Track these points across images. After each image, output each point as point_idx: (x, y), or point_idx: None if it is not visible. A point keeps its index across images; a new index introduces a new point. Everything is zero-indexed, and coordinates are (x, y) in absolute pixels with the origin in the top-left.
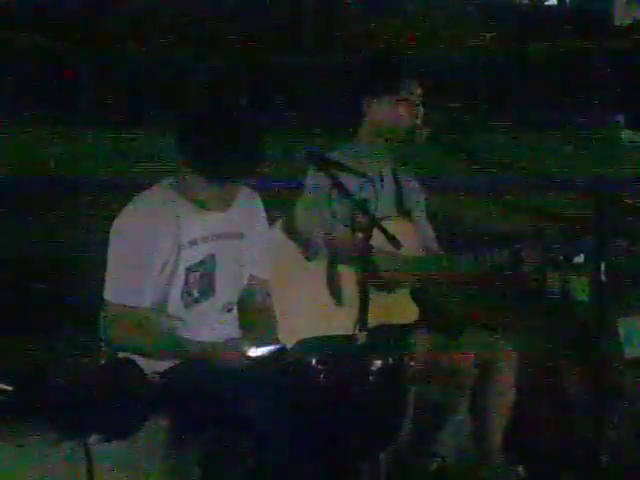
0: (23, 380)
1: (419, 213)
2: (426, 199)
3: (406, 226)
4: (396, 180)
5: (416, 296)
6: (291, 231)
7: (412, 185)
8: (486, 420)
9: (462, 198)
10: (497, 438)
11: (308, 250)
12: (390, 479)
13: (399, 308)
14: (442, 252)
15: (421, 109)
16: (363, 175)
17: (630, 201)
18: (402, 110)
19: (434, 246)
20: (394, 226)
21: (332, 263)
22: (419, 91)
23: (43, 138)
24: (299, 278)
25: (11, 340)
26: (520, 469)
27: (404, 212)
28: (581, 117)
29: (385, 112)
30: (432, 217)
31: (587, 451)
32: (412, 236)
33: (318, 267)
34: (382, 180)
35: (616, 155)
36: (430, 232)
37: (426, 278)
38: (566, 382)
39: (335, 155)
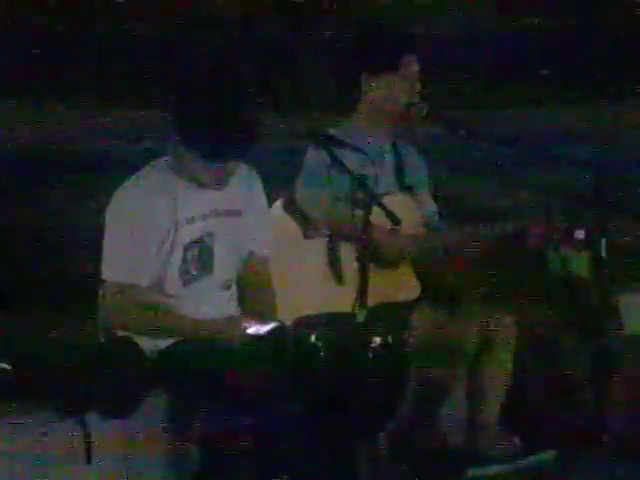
0: (22, 358)
1: (421, 189)
2: (429, 175)
3: (407, 202)
4: (397, 156)
5: (419, 272)
6: (291, 209)
7: (414, 160)
8: (485, 394)
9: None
10: (495, 411)
11: (308, 228)
12: (391, 456)
13: (401, 285)
14: (444, 228)
15: (419, 85)
16: (362, 151)
17: None
18: (400, 87)
19: (436, 222)
20: (395, 202)
21: (332, 241)
22: (417, 67)
23: None
24: (299, 256)
25: (11, 318)
26: (517, 440)
27: (405, 188)
28: None
29: (383, 89)
30: (435, 193)
31: (585, 424)
32: (413, 212)
33: (318, 245)
34: (383, 156)
35: None
36: (432, 208)
37: (428, 254)
38: (565, 356)
39: (334, 132)
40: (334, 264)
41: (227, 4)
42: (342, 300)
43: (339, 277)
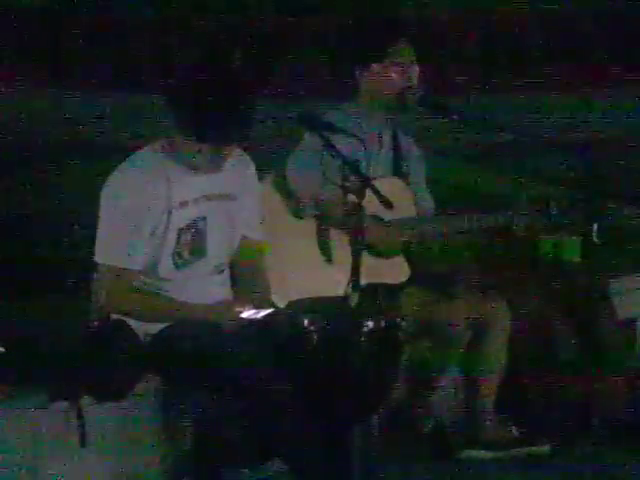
0: (16, 342)
1: (417, 176)
2: (425, 163)
3: (401, 187)
4: (395, 142)
5: (408, 256)
6: (281, 189)
7: (411, 148)
8: (479, 380)
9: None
10: (490, 398)
11: (298, 208)
12: (385, 440)
13: (391, 268)
14: (437, 215)
15: (415, 71)
16: (355, 137)
17: None
18: (395, 74)
19: (430, 210)
20: (388, 186)
21: (323, 221)
22: (412, 54)
23: None
24: (289, 236)
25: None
26: (513, 429)
27: (401, 174)
28: None
29: (378, 77)
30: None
31: (579, 411)
32: (406, 197)
33: (308, 225)
34: (380, 142)
35: None
36: (427, 196)
37: (420, 239)
38: (558, 342)
39: (330, 117)
40: (324, 245)
41: None
42: (333, 281)
43: (329, 258)
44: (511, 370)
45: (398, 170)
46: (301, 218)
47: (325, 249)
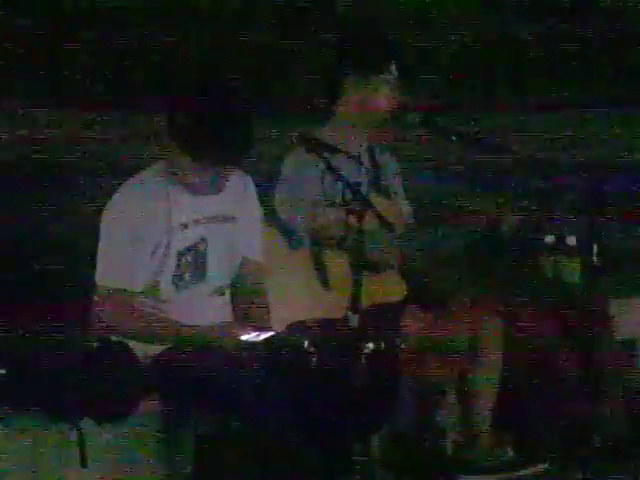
0: (15, 363)
1: (396, 190)
2: (402, 176)
3: (385, 204)
4: (372, 158)
5: (404, 273)
6: (271, 219)
7: (388, 163)
8: (474, 399)
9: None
10: (486, 416)
11: (290, 239)
12: (383, 460)
13: (387, 285)
14: (419, 229)
15: (400, 93)
16: (354, 157)
17: None
18: (380, 93)
19: (412, 223)
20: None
21: (318, 247)
22: (396, 75)
23: None
24: (285, 264)
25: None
26: (509, 450)
27: (382, 190)
28: None
29: (363, 94)
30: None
31: (578, 431)
32: (391, 214)
33: (303, 253)
34: (360, 159)
35: None
36: (407, 209)
37: (409, 254)
38: (556, 362)
39: (323, 137)
40: (321, 270)
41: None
42: (331, 305)
43: (326, 283)
44: (507, 389)
45: (378, 186)
46: (295, 249)
47: (321, 275)
